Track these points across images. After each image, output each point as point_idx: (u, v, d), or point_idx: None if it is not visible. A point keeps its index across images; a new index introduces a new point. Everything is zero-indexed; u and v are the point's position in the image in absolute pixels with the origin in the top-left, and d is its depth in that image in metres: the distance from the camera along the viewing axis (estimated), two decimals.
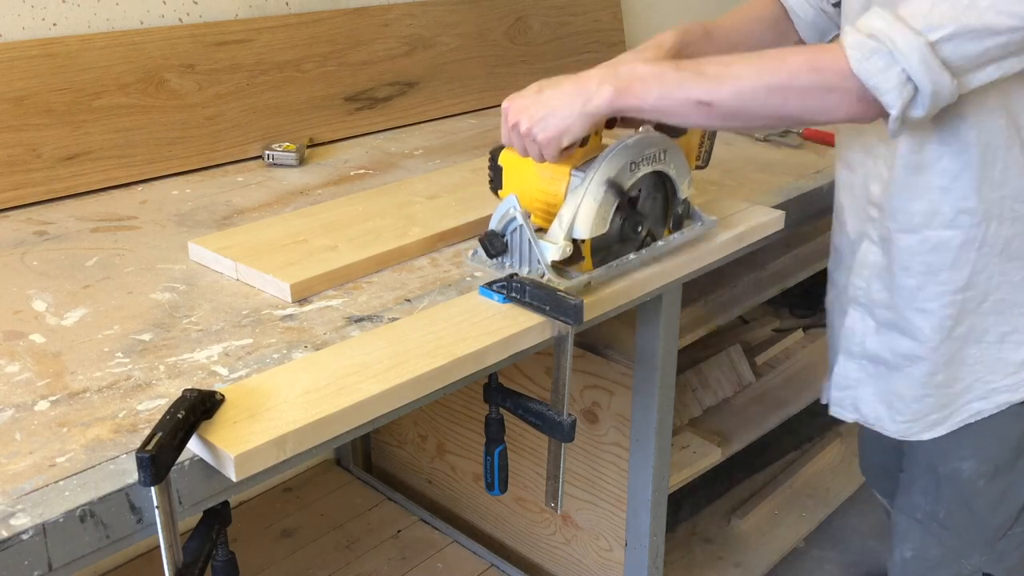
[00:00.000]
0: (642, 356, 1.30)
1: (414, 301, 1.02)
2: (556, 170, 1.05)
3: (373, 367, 0.86)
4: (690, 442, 1.71)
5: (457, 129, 1.75)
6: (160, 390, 0.84)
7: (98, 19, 1.44)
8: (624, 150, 1.03)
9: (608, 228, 1.04)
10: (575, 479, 1.52)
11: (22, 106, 1.32)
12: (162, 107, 1.46)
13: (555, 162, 1.02)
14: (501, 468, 1.16)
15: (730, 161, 1.53)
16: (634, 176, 1.05)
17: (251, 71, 1.56)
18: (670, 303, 1.24)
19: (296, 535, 1.75)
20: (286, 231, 1.16)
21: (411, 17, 1.77)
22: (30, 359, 0.90)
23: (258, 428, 0.76)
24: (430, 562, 1.68)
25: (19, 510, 0.67)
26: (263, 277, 1.04)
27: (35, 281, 1.07)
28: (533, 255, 1.03)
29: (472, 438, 1.73)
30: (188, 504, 0.75)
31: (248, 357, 0.90)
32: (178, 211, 1.31)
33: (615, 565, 1.50)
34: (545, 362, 1.50)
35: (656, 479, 1.36)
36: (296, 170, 1.50)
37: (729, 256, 1.22)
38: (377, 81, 1.73)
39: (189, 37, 1.49)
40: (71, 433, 0.77)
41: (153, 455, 0.66)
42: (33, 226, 1.25)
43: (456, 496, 1.83)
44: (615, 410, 1.41)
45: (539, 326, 0.96)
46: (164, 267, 1.11)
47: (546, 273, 1.02)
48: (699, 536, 1.91)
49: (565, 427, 1.01)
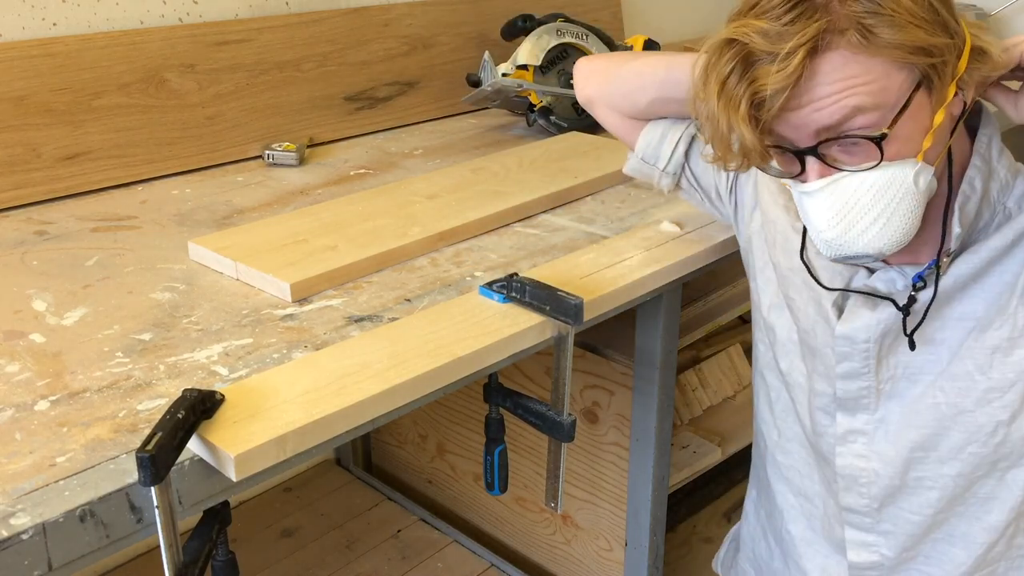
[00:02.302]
0: (642, 356, 1.29)
1: (414, 301, 1.02)
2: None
3: (373, 367, 0.86)
4: (690, 442, 1.71)
5: (457, 129, 1.75)
6: (160, 390, 0.84)
7: (98, 19, 1.44)
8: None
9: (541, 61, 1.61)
10: (575, 479, 1.52)
11: (22, 106, 1.32)
12: (162, 107, 1.46)
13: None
14: (501, 468, 1.16)
15: None
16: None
17: (251, 71, 1.56)
18: (670, 303, 1.24)
19: (296, 535, 1.75)
20: (286, 231, 1.16)
21: (411, 17, 1.77)
22: (30, 359, 0.90)
23: (258, 428, 0.76)
24: (430, 562, 1.68)
25: (19, 510, 0.67)
26: (263, 277, 1.04)
27: (35, 281, 1.07)
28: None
29: (472, 438, 1.73)
30: (188, 504, 0.75)
31: (248, 357, 0.90)
32: (178, 211, 1.31)
33: (615, 565, 1.50)
34: (545, 362, 1.50)
35: (656, 479, 1.36)
36: (296, 170, 1.50)
37: (729, 256, 1.22)
38: (377, 81, 1.73)
39: (189, 37, 1.49)
40: (71, 433, 0.77)
41: (153, 455, 0.66)
42: (33, 226, 1.25)
43: (456, 496, 1.83)
44: (615, 410, 1.41)
45: (539, 326, 0.96)
46: (164, 267, 1.11)
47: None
48: (699, 536, 1.90)
49: (565, 427, 1.01)
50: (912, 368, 0.91)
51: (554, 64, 1.66)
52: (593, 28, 1.70)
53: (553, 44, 1.64)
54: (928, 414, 0.90)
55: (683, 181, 1.14)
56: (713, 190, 1.12)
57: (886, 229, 0.82)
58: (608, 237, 1.20)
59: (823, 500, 1.02)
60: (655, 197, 1.35)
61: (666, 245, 1.16)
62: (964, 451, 0.90)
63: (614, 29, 2.15)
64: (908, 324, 0.88)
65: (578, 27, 1.68)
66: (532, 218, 1.27)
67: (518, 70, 1.62)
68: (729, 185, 1.10)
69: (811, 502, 1.04)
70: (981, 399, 0.88)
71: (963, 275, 0.87)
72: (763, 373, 1.07)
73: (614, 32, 1.95)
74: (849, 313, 0.92)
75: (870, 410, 0.94)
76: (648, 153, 1.13)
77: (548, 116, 1.64)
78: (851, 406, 0.94)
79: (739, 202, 1.09)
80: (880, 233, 0.82)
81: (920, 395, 0.91)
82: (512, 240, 1.19)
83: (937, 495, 0.93)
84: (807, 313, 0.97)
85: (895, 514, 0.96)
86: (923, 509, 0.94)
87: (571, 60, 1.68)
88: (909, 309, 0.88)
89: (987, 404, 0.88)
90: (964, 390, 0.88)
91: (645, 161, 1.14)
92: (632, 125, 1.15)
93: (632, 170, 1.16)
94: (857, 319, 0.91)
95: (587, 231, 1.22)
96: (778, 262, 1.01)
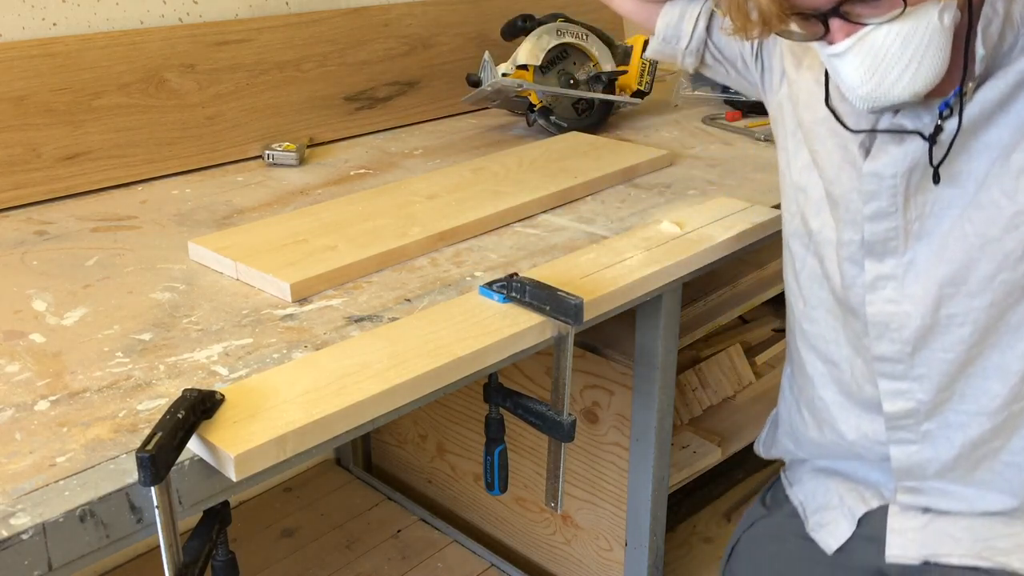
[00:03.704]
0: (642, 356, 1.29)
1: (414, 301, 1.02)
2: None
3: (373, 367, 0.86)
4: (690, 442, 1.71)
5: (457, 129, 1.75)
6: (160, 390, 0.84)
7: (98, 19, 1.45)
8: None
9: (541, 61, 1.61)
10: (575, 479, 1.52)
11: (22, 106, 1.32)
12: (162, 107, 1.46)
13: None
14: (501, 468, 1.16)
15: (730, 161, 1.53)
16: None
17: (251, 71, 1.56)
18: (670, 303, 1.24)
19: (296, 535, 1.75)
20: (286, 231, 1.16)
21: (411, 17, 1.78)
22: (30, 359, 0.90)
23: (258, 428, 0.76)
24: (430, 562, 1.68)
25: (19, 510, 0.67)
26: (263, 277, 1.04)
27: (35, 281, 1.07)
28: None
29: (472, 438, 1.73)
30: (188, 504, 0.75)
31: (248, 357, 0.90)
32: (178, 211, 1.31)
33: (615, 565, 1.50)
34: (545, 362, 1.50)
35: (656, 479, 1.36)
36: (296, 170, 1.50)
37: (729, 256, 1.22)
38: (377, 81, 1.73)
39: (189, 37, 1.49)
40: (71, 433, 0.77)
41: (153, 455, 0.66)
42: (33, 226, 1.25)
43: (456, 496, 1.83)
44: (615, 410, 1.41)
45: (539, 326, 0.96)
46: (164, 267, 1.11)
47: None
48: (699, 536, 1.90)
49: (565, 427, 1.01)
50: (940, 204, 0.91)
51: (554, 64, 1.66)
52: (593, 28, 1.70)
53: (553, 44, 1.64)
54: (957, 247, 0.91)
55: (707, 56, 1.15)
56: (739, 59, 1.13)
57: (919, 72, 0.83)
58: (608, 237, 1.20)
59: (850, 364, 1.03)
60: (655, 197, 1.35)
61: (666, 245, 1.16)
62: (994, 280, 0.90)
63: (614, 29, 2.15)
64: (935, 156, 0.89)
65: (578, 27, 1.68)
66: (532, 218, 1.27)
67: (518, 70, 1.62)
68: (754, 51, 1.11)
69: (838, 367, 1.05)
70: (1008, 225, 0.88)
71: (989, 101, 0.87)
72: (789, 242, 1.08)
73: (614, 32, 1.95)
74: (876, 151, 0.93)
75: (899, 253, 0.94)
76: (669, 33, 1.15)
77: (548, 116, 1.64)
78: (879, 250, 0.95)
79: (766, 67, 1.10)
80: (913, 78, 0.83)
81: (948, 231, 0.91)
82: (512, 240, 1.20)
83: (969, 330, 0.93)
84: (832, 162, 0.97)
85: (928, 356, 0.96)
86: (955, 346, 0.94)
87: (571, 60, 1.68)
88: (936, 139, 0.88)
89: (1014, 230, 0.88)
90: (991, 219, 0.89)
91: (667, 42, 1.16)
92: (649, 9, 1.16)
93: (654, 52, 1.19)
94: (884, 155, 0.92)
95: (587, 231, 1.22)
96: (803, 119, 1.02)
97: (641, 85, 1.75)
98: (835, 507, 1.09)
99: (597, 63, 1.69)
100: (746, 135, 1.69)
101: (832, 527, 1.08)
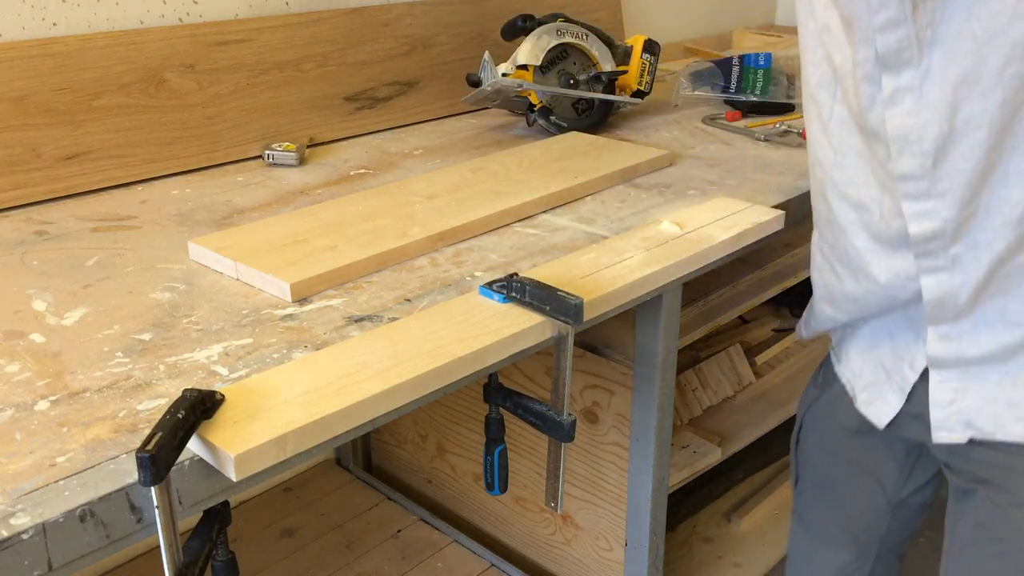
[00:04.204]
0: (642, 356, 1.30)
1: (414, 301, 1.02)
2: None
3: (373, 367, 0.86)
4: (690, 442, 1.71)
5: (457, 129, 1.75)
6: (160, 390, 0.84)
7: (98, 19, 1.45)
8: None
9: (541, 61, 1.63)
10: (575, 479, 1.52)
11: (22, 106, 1.32)
12: (162, 107, 1.46)
13: None
14: (501, 468, 1.16)
15: (730, 161, 1.53)
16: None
17: (251, 71, 1.56)
18: (670, 303, 1.24)
19: (296, 535, 1.75)
20: (286, 231, 1.16)
21: (411, 17, 1.78)
22: (30, 359, 0.90)
23: (258, 428, 0.76)
24: (430, 562, 1.68)
25: (19, 510, 0.67)
26: (263, 277, 1.04)
27: (35, 281, 1.07)
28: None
29: (472, 438, 1.73)
30: (188, 504, 0.75)
31: (248, 357, 0.90)
32: (178, 211, 1.31)
33: (615, 565, 1.50)
34: (545, 362, 1.50)
35: (656, 479, 1.36)
36: (296, 170, 1.50)
37: (729, 256, 1.22)
38: (377, 81, 1.73)
39: (189, 37, 1.49)
40: (71, 433, 0.77)
41: (153, 455, 0.66)
42: (33, 226, 1.25)
43: (456, 496, 1.83)
44: (615, 410, 1.41)
45: (539, 326, 0.96)
46: (164, 267, 1.11)
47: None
48: (699, 536, 1.91)
49: (565, 427, 1.01)
50: (949, 7, 0.92)
51: (554, 64, 1.66)
52: (593, 28, 1.70)
53: (553, 44, 1.65)
54: (966, 46, 0.92)
55: None
56: None
57: None
58: (608, 237, 1.20)
59: (879, 204, 1.04)
60: (655, 197, 1.35)
61: (666, 245, 1.16)
62: (1004, 74, 0.91)
63: (614, 29, 2.15)
64: None
65: (578, 27, 1.68)
66: (532, 218, 1.27)
67: (518, 70, 1.62)
68: None
69: (867, 210, 1.06)
70: (1013, 14, 0.89)
71: None
72: (815, 96, 1.08)
73: (614, 32, 1.95)
74: None
75: (914, 64, 0.95)
76: None
77: (548, 116, 1.64)
78: (894, 62, 0.96)
79: None
80: None
81: (958, 31, 0.92)
82: (512, 240, 1.20)
83: (985, 132, 0.94)
84: None
85: (949, 168, 0.97)
86: (974, 152, 0.95)
87: (571, 60, 1.68)
88: None
89: (1019, 19, 0.89)
90: (996, 11, 0.90)
91: None
92: None
93: None
94: None
95: (587, 231, 1.22)
96: None
97: (641, 85, 1.75)
98: (882, 382, 1.12)
99: (597, 63, 1.69)
100: (746, 135, 1.69)
101: (880, 403, 1.12)
